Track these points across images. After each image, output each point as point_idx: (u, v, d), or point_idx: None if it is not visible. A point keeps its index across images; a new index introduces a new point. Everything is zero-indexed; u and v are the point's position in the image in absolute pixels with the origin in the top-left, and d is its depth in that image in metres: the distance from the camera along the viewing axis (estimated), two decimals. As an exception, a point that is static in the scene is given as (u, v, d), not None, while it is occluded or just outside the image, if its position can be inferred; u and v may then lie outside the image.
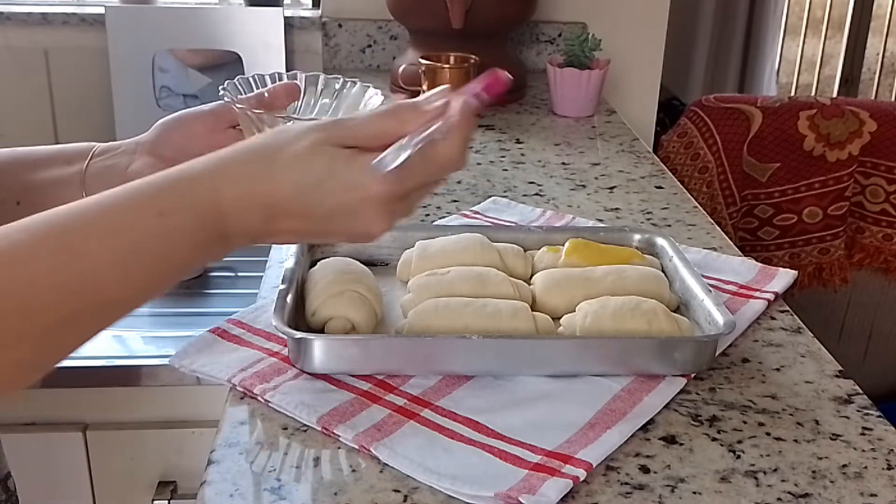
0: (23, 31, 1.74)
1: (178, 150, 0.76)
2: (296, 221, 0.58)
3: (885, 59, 3.44)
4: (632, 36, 1.85)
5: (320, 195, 0.57)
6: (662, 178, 1.28)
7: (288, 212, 0.57)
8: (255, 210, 0.56)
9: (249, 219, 0.56)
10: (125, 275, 0.53)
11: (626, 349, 0.75)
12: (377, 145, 0.58)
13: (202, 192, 0.56)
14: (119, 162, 0.77)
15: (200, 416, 1.25)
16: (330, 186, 0.57)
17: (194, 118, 0.78)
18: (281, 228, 0.58)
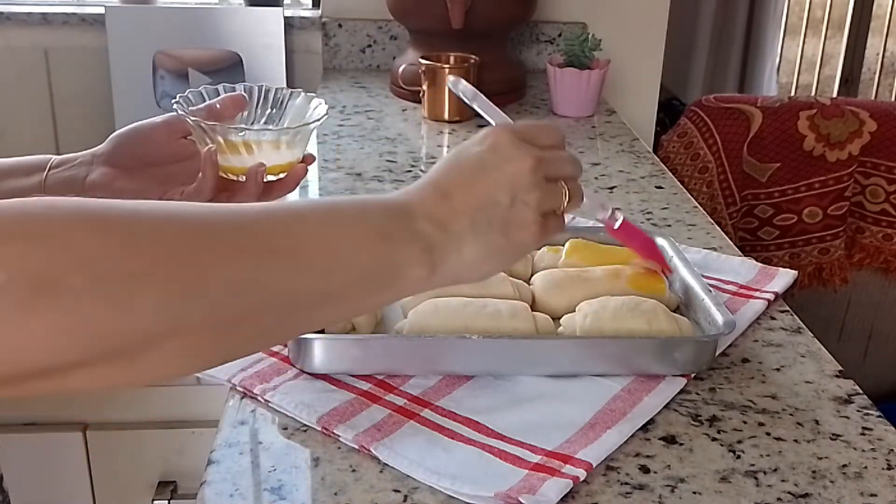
0: (23, 31, 1.74)
1: (135, 160, 0.79)
2: (462, 187, 0.59)
3: (885, 59, 3.44)
4: (632, 36, 1.85)
5: (461, 155, 0.61)
6: (662, 178, 1.28)
7: (450, 182, 0.60)
8: (426, 189, 0.59)
9: (425, 199, 0.59)
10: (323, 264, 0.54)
11: (626, 349, 0.75)
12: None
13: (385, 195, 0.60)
14: (77, 173, 0.79)
15: (200, 416, 1.25)
16: (465, 146, 0.62)
17: (149, 129, 0.80)
18: (457, 200, 0.59)
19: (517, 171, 0.60)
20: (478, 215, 0.59)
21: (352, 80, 1.75)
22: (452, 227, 0.59)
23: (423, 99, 1.51)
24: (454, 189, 0.59)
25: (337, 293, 0.55)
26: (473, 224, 0.59)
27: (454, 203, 0.59)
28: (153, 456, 1.27)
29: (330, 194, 1.19)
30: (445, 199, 0.59)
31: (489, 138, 0.61)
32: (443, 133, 1.48)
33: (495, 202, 0.60)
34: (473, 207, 0.59)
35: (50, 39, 1.75)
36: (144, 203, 0.48)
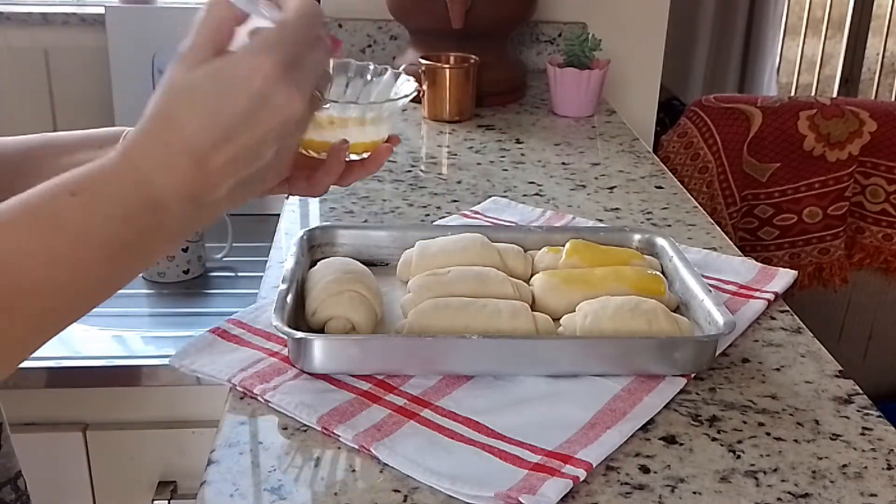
0: (23, 31, 1.74)
1: None
2: (223, 148, 0.52)
3: (885, 59, 3.44)
4: (632, 36, 1.85)
5: (224, 102, 0.52)
6: (662, 178, 1.28)
7: (209, 141, 0.52)
8: (177, 158, 0.51)
9: (177, 170, 0.51)
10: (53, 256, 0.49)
11: (626, 349, 0.75)
12: (227, 38, 0.56)
13: (115, 166, 0.52)
14: None
15: (200, 416, 1.25)
16: (225, 89, 0.53)
17: None
18: (216, 166, 0.52)
19: (287, 119, 0.54)
20: (238, 179, 0.53)
21: (352, 80, 1.75)
22: (208, 198, 0.53)
23: (423, 99, 1.51)
24: (211, 151, 0.52)
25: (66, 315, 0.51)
26: (232, 189, 0.54)
27: (210, 169, 0.52)
28: (153, 456, 1.27)
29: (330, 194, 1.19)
30: (200, 165, 0.51)
31: (256, 81, 0.52)
32: (443, 133, 1.48)
33: (260, 159, 0.54)
34: (234, 171, 0.53)
35: (50, 39, 1.75)
36: None
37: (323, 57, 0.57)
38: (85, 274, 0.50)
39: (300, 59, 0.55)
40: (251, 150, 0.53)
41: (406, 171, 1.27)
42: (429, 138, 1.46)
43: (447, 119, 1.51)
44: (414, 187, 1.20)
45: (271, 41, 0.54)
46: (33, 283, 0.48)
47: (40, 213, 0.49)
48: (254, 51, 0.53)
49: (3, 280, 0.47)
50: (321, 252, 0.89)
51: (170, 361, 0.76)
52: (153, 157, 0.51)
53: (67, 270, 0.49)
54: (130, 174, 0.51)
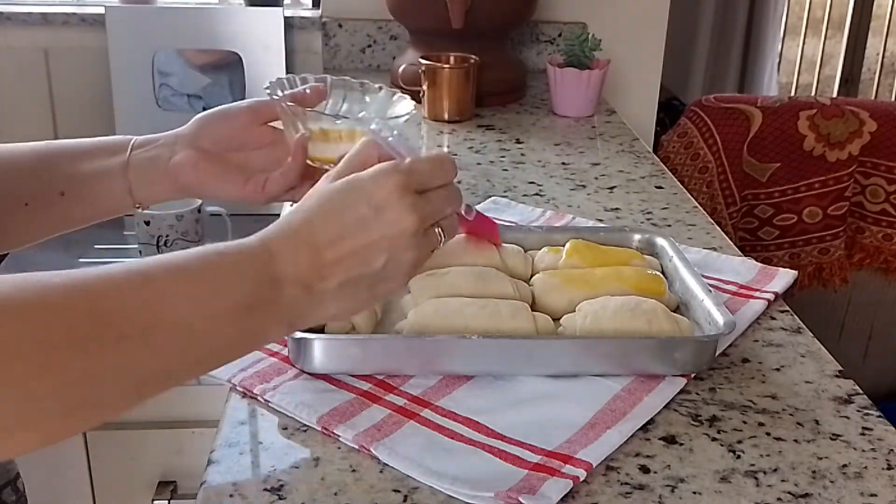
0: (23, 31, 1.74)
1: (216, 144, 0.79)
2: (338, 245, 0.58)
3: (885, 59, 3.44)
4: (632, 36, 1.85)
5: (347, 206, 0.59)
6: (662, 178, 1.28)
7: (327, 237, 0.58)
8: (299, 246, 0.58)
9: (296, 256, 0.57)
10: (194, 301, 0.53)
11: (626, 349, 0.75)
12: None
13: (253, 242, 0.58)
14: (161, 153, 0.79)
15: (200, 416, 1.25)
16: (351, 195, 0.59)
17: (233, 113, 0.80)
18: (329, 259, 0.58)
19: (399, 234, 0.59)
20: (347, 277, 0.58)
21: (352, 80, 1.75)
22: (318, 287, 0.58)
23: (423, 99, 1.51)
24: (327, 246, 0.58)
25: (193, 363, 0.55)
26: (341, 286, 0.58)
27: (324, 261, 0.58)
28: (153, 456, 1.27)
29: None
30: (316, 256, 0.57)
31: (378, 193, 0.59)
32: (443, 133, 1.48)
33: (368, 265, 0.59)
34: (345, 269, 0.58)
35: (50, 39, 1.75)
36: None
37: (447, 198, 0.63)
38: (214, 325, 0.54)
39: (424, 188, 0.61)
40: (362, 252, 0.59)
41: (406, 171, 1.27)
42: (429, 138, 1.46)
43: (447, 119, 1.51)
44: (414, 187, 1.20)
45: (402, 167, 0.61)
46: (175, 322, 0.52)
47: (191, 266, 0.54)
48: (385, 169, 0.61)
49: (151, 317, 0.51)
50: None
51: (170, 361, 0.75)
52: (282, 242, 0.58)
53: (203, 318, 0.53)
54: (263, 251, 0.57)
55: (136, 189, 0.78)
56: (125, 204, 0.79)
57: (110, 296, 0.50)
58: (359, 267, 0.59)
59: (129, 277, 0.52)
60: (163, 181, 0.79)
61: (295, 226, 0.59)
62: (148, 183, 0.78)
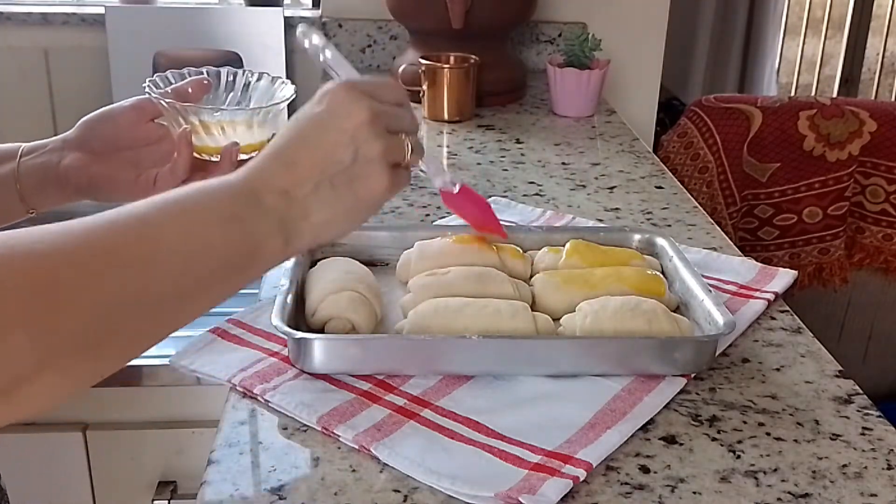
0: (23, 31, 1.74)
1: (104, 144, 0.80)
2: (303, 150, 0.61)
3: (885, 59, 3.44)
4: (632, 36, 1.85)
5: (302, 118, 0.62)
6: (662, 178, 1.28)
7: (292, 146, 0.61)
8: (269, 161, 0.60)
9: (267, 169, 0.60)
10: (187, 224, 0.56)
11: (626, 349, 0.75)
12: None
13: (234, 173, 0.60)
14: (50, 159, 0.80)
15: (200, 416, 1.25)
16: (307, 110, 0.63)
17: (118, 113, 0.82)
18: (299, 165, 0.60)
19: (356, 125, 0.61)
20: (321, 178, 0.60)
21: (352, 80, 1.75)
22: (296, 193, 0.60)
23: (423, 99, 1.51)
24: (295, 155, 0.61)
25: (201, 285, 0.56)
26: (317, 188, 0.60)
27: (297, 169, 0.60)
28: (153, 456, 1.27)
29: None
30: (288, 167, 0.60)
31: (327, 96, 0.62)
32: (443, 133, 1.48)
33: (338, 161, 0.61)
34: (317, 171, 0.60)
35: (50, 39, 1.75)
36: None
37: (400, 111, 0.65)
38: (207, 240, 0.57)
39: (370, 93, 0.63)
40: (327, 150, 0.61)
41: (406, 171, 1.27)
42: (429, 138, 1.46)
43: (447, 119, 1.51)
44: (414, 187, 1.20)
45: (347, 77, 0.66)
46: (170, 242, 0.54)
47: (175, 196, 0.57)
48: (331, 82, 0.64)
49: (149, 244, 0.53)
50: (321, 252, 0.89)
51: (170, 361, 0.76)
52: (254, 163, 0.61)
53: (194, 236, 0.56)
54: (237, 174, 0.60)
55: (27, 196, 0.79)
56: (18, 211, 0.80)
57: (109, 231, 0.52)
58: (329, 165, 0.61)
59: (121, 215, 0.54)
60: (54, 186, 0.79)
61: (264, 151, 0.62)
62: (39, 189, 0.79)
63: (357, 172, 0.61)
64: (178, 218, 0.56)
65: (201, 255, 0.56)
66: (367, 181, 0.62)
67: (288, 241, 0.60)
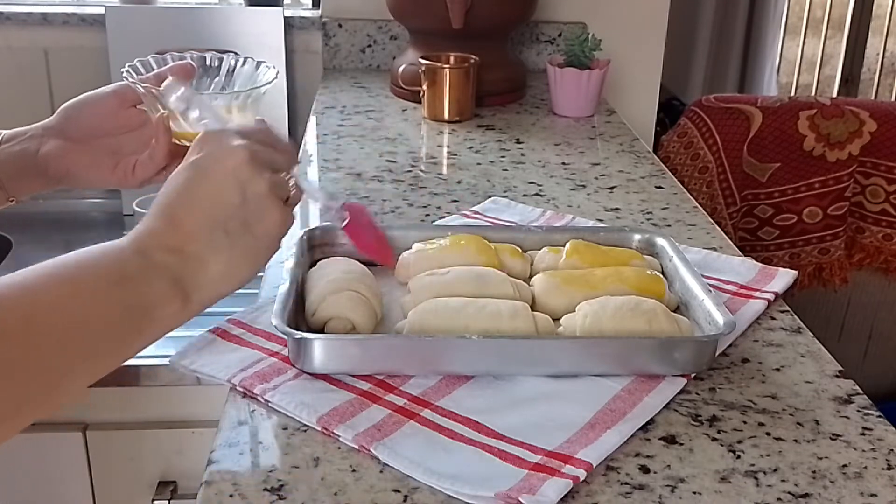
0: (23, 31, 1.74)
1: (84, 131, 0.79)
2: (188, 201, 0.59)
3: (885, 59, 3.44)
4: (632, 36, 1.85)
5: (183, 170, 0.61)
6: (662, 178, 1.28)
7: (178, 200, 0.60)
8: (155, 218, 0.59)
9: (154, 227, 0.59)
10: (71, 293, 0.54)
11: (626, 349, 0.75)
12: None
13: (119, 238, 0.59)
14: (29, 147, 0.79)
15: (200, 416, 1.25)
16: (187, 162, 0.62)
17: (98, 100, 0.80)
18: (187, 218, 0.59)
19: (237, 164, 0.60)
20: (214, 227, 0.59)
21: (352, 80, 1.75)
22: (189, 248, 0.58)
23: (423, 99, 1.51)
24: (180, 209, 0.59)
25: (88, 354, 0.54)
26: (211, 238, 0.59)
27: (185, 224, 0.59)
28: (153, 456, 1.27)
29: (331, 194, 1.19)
30: (174, 223, 0.59)
31: (200, 143, 0.62)
32: (443, 133, 1.48)
33: (227, 203, 0.59)
34: (206, 221, 0.59)
35: (50, 39, 1.75)
36: None
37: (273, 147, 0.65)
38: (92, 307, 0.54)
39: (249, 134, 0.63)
40: (212, 194, 0.59)
41: (406, 171, 1.27)
42: (429, 138, 1.46)
43: (447, 119, 1.51)
44: (414, 187, 1.20)
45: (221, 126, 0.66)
46: (52, 310, 0.52)
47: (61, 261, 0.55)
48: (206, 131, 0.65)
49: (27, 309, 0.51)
50: (321, 252, 0.89)
51: (170, 361, 0.76)
52: (140, 224, 0.60)
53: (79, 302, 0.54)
54: (124, 237, 0.59)
55: (7, 183, 0.79)
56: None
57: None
58: (219, 210, 0.59)
59: (3, 280, 0.52)
60: (33, 174, 0.79)
61: (151, 209, 0.61)
62: (19, 177, 0.79)
63: (250, 211, 0.60)
64: (59, 285, 0.53)
65: (83, 323, 0.54)
66: (262, 218, 0.61)
67: (186, 299, 0.58)
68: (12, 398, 0.50)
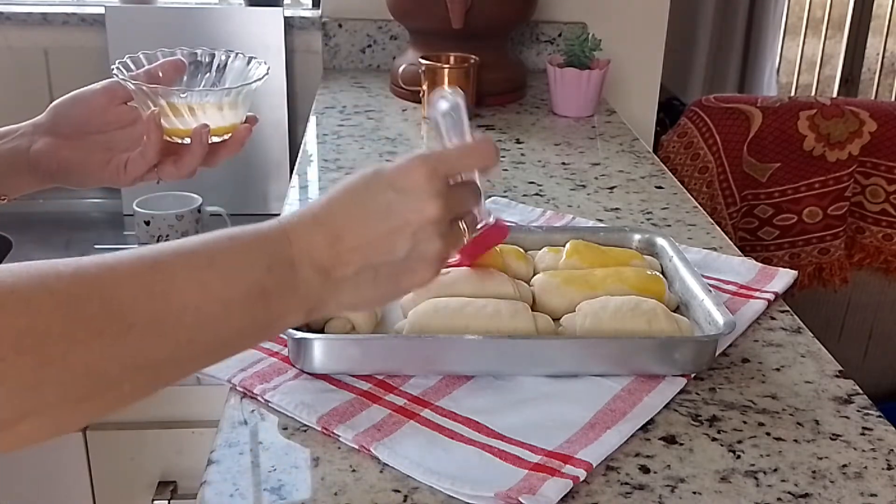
0: (23, 31, 1.74)
1: (75, 129, 0.79)
2: (358, 230, 0.56)
3: (885, 59, 3.44)
4: (632, 36, 1.85)
5: (370, 191, 0.57)
6: (662, 178, 1.28)
7: (348, 221, 0.56)
8: (315, 229, 0.55)
9: (314, 241, 0.55)
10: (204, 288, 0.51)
11: (626, 349, 0.75)
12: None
13: (269, 227, 0.56)
14: (20, 144, 0.78)
15: (200, 416, 1.25)
16: (378, 182, 0.57)
17: (89, 96, 0.80)
18: (348, 244, 0.56)
19: (423, 221, 0.57)
20: (366, 265, 0.56)
21: (352, 80, 1.75)
22: (335, 274, 0.56)
23: (423, 99, 1.51)
24: (348, 230, 0.56)
25: (205, 352, 0.53)
26: (358, 274, 0.56)
27: (343, 247, 0.55)
28: (153, 456, 1.27)
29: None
30: (334, 242, 0.55)
31: (406, 175, 0.57)
32: (443, 133, 1.47)
33: (390, 252, 0.57)
34: (364, 258, 0.56)
35: (50, 39, 1.75)
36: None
37: (472, 192, 0.62)
38: (227, 312, 0.52)
39: (452, 174, 0.59)
40: (384, 239, 0.56)
41: (406, 171, 1.27)
42: (429, 138, 1.46)
43: (447, 119, 1.51)
44: (414, 187, 1.20)
45: (431, 154, 0.59)
46: (184, 309, 0.50)
47: (202, 251, 0.52)
48: (413, 156, 0.58)
49: (160, 305, 0.49)
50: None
51: (170, 361, 0.75)
52: (300, 225, 0.56)
53: (214, 305, 0.51)
54: (280, 234, 0.55)
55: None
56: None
57: (117, 284, 0.48)
58: (380, 255, 0.56)
59: (136, 265, 0.50)
60: (24, 171, 0.79)
61: (315, 209, 0.57)
62: (9, 174, 0.78)
63: (406, 268, 0.58)
64: (198, 281, 0.51)
65: (216, 327, 0.52)
66: (413, 276, 0.58)
67: (309, 315, 0.56)
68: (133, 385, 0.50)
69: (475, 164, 0.62)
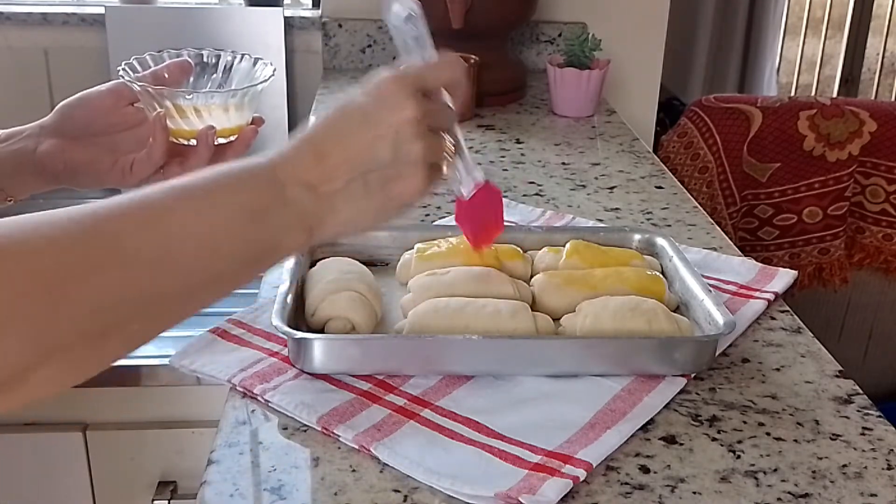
0: (23, 31, 1.74)
1: (81, 130, 0.79)
2: (341, 143, 0.58)
3: (885, 59, 3.44)
4: (632, 36, 1.85)
5: (348, 106, 0.59)
6: (662, 178, 1.28)
7: (330, 137, 0.58)
8: (300, 152, 0.58)
9: (299, 159, 0.57)
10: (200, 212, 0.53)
11: (626, 349, 0.75)
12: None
13: (258, 159, 0.58)
14: (26, 146, 0.79)
15: (200, 416, 1.25)
16: (354, 98, 0.60)
17: (95, 98, 0.80)
18: (333, 159, 0.57)
19: (401, 122, 0.59)
20: (354, 174, 0.58)
21: (352, 80, 1.75)
22: (325, 189, 0.57)
23: (423, 99, 1.51)
24: (331, 146, 0.58)
25: (212, 281, 0.54)
26: (348, 185, 0.58)
27: (329, 162, 0.57)
28: (153, 456, 1.27)
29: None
30: (320, 158, 0.57)
31: (377, 86, 0.60)
32: (443, 133, 1.47)
33: (375, 158, 0.58)
34: (350, 167, 0.58)
35: (50, 39, 1.75)
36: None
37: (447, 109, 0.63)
38: (225, 235, 0.54)
39: (423, 85, 0.61)
40: (365, 145, 0.58)
41: (406, 171, 1.27)
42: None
43: (447, 119, 1.51)
44: (414, 187, 1.20)
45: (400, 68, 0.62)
46: (184, 236, 0.52)
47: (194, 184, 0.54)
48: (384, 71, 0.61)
49: (161, 237, 0.51)
50: (321, 252, 0.89)
51: (170, 361, 0.76)
52: (285, 150, 0.58)
53: (212, 229, 0.53)
54: (265, 160, 0.57)
55: (4, 182, 0.78)
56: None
57: (116, 220, 0.50)
58: (365, 162, 0.58)
59: (133, 202, 0.51)
60: (30, 173, 0.79)
61: (298, 135, 0.59)
62: (16, 175, 0.78)
63: (394, 173, 0.59)
64: (195, 209, 0.53)
65: (215, 252, 0.54)
66: (402, 182, 0.59)
67: (310, 234, 0.57)
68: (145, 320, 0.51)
69: (441, 75, 0.64)
